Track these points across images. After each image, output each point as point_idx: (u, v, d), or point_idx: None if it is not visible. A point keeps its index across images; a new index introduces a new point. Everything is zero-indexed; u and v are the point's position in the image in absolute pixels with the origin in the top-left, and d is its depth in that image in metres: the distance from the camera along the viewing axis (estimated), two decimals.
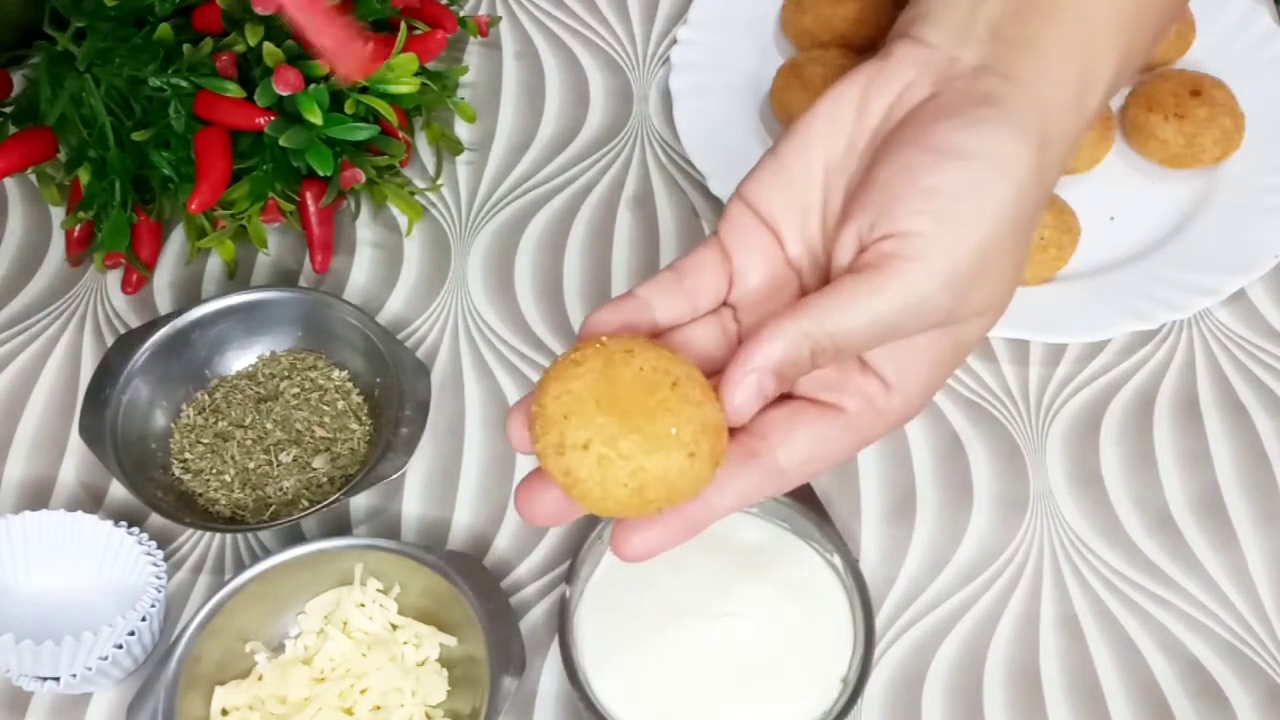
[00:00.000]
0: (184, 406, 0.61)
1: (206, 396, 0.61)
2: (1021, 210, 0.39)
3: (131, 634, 0.52)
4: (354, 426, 0.60)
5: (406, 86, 0.64)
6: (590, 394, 0.36)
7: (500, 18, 0.78)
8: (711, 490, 0.37)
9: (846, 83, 0.42)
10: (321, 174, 0.62)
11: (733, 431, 0.38)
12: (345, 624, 0.53)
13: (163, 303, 0.66)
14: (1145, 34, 0.44)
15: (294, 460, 0.59)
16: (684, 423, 0.35)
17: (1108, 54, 0.42)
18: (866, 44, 0.71)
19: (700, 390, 0.37)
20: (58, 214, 0.70)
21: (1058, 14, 0.41)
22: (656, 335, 0.40)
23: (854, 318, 0.37)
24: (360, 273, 0.67)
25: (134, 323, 0.65)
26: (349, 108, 0.62)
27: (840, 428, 0.39)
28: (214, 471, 0.59)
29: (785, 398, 0.40)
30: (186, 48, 0.63)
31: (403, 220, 0.69)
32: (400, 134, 0.66)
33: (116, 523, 0.55)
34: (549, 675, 0.54)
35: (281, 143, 0.61)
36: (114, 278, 0.67)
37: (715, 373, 0.39)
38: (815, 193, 0.42)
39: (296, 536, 0.58)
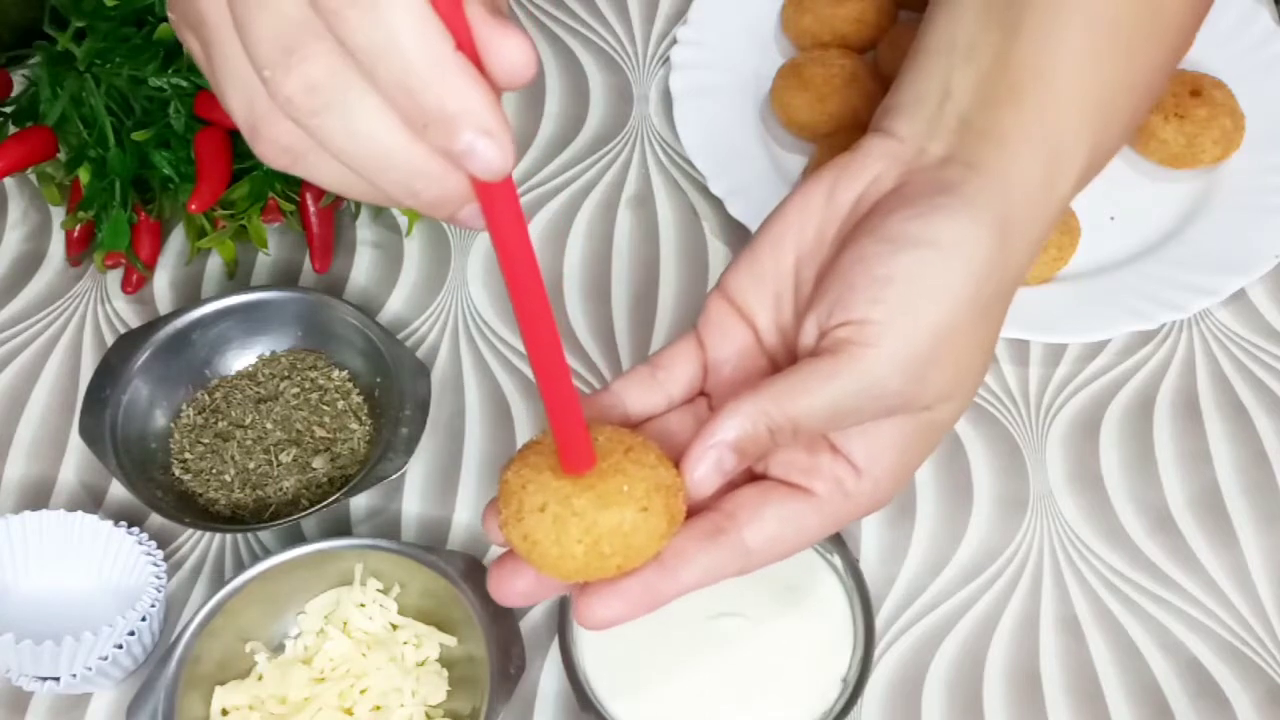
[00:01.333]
0: (184, 406, 0.61)
1: (206, 396, 0.61)
2: (980, 296, 0.39)
3: (131, 634, 0.52)
4: (354, 426, 0.60)
5: None
6: (546, 464, 0.37)
7: None
8: (678, 563, 0.38)
9: (817, 176, 0.43)
10: None
11: (702, 507, 0.39)
12: (345, 624, 0.53)
13: (163, 303, 0.66)
14: (1119, 119, 0.44)
15: (294, 460, 0.59)
16: (635, 481, 0.37)
17: (1078, 140, 0.42)
18: (866, 44, 0.71)
19: (655, 457, 0.38)
20: (58, 214, 0.70)
21: (1026, 103, 0.42)
22: (630, 427, 0.41)
23: (810, 400, 0.38)
24: (360, 273, 0.67)
25: (134, 323, 0.65)
26: None
27: (810, 510, 0.40)
28: (214, 471, 0.59)
29: (758, 478, 0.41)
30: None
31: (403, 220, 0.69)
32: None
33: (116, 523, 0.55)
34: (549, 675, 0.54)
35: None
36: (114, 278, 0.67)
37: None
38: (787, 283, 0.43)
39: (296, 536, 0.58)
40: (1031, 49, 0.42)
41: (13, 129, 0.65)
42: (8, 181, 0.72)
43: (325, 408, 0.60)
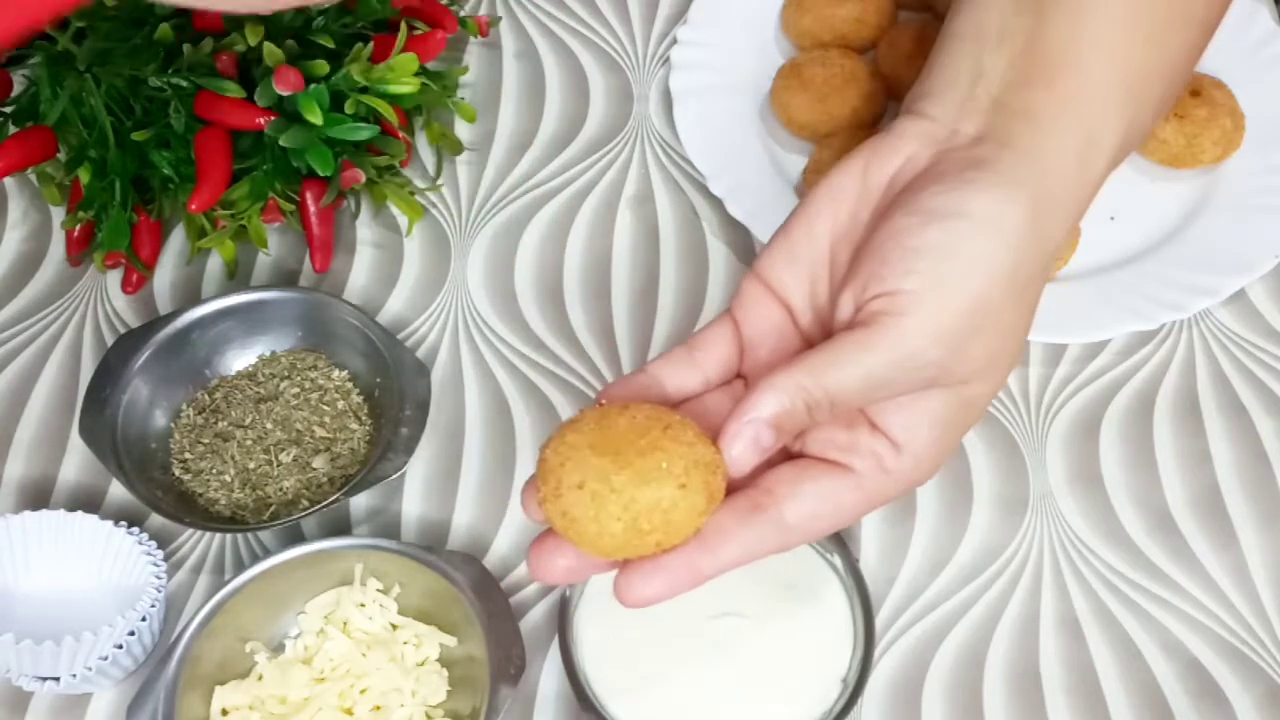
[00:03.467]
0: (184, 406, 0.61)
1: (206, 396, 0.61)
2: (1017, 269, 0.39)
3: (131, 634, 0.52)
4: (354, 426, 0.60)
5: (407, 86, 0.64)
6: (585, 441, 0.37)
7: (500, 18, 0.78)
8: (718, 540, 0.38)
9: (851, 157, 0.43)
10: (321, 174, 0.62)
11: (740, 485, 0.39)
12: (345, 624, 0.53)
13: (163, 303, 0.66)
14: (1150, 101, 0.44)
15: (294, 460, 0.59)
16: (674, 458, 0.37)
17: (1111, 119, 0.42)
18: (866, 44, 0.71)
19: (693, 434, 0.38)
20: (58, 214, 0.70)
21: (1058, 82, 0.42)
22: (670, 407, 0.41)
23: (847, 373, 0.38)
24: (360, 273, 0.67)
25: (134, 323, 0.65)
26: (349, 108, 0.62)
27: (849, 486, 0.40)
28: (214, 471, 0.59)
29: (794, 457, 0.41)
30: (186, 48, 0.63)
31: (403, 220, 0.69)
32: (400, 134, 0.66)
33: (116, 523, 0.55)
34: (549, 675, 0.54)
35: (281, 143, 0.61)
36: (114, 278, 0.67)
37: None
38: (822, 264, 0.43)
39: (296, 536, 0.58)
40: (1063, 31, 0.42)
41: (13, 129, 0.65)
42: (8, 181, 0.72)
43: (325, 408, 0.60)
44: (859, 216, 0.42)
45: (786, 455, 0.41)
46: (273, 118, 0.61)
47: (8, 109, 0.66)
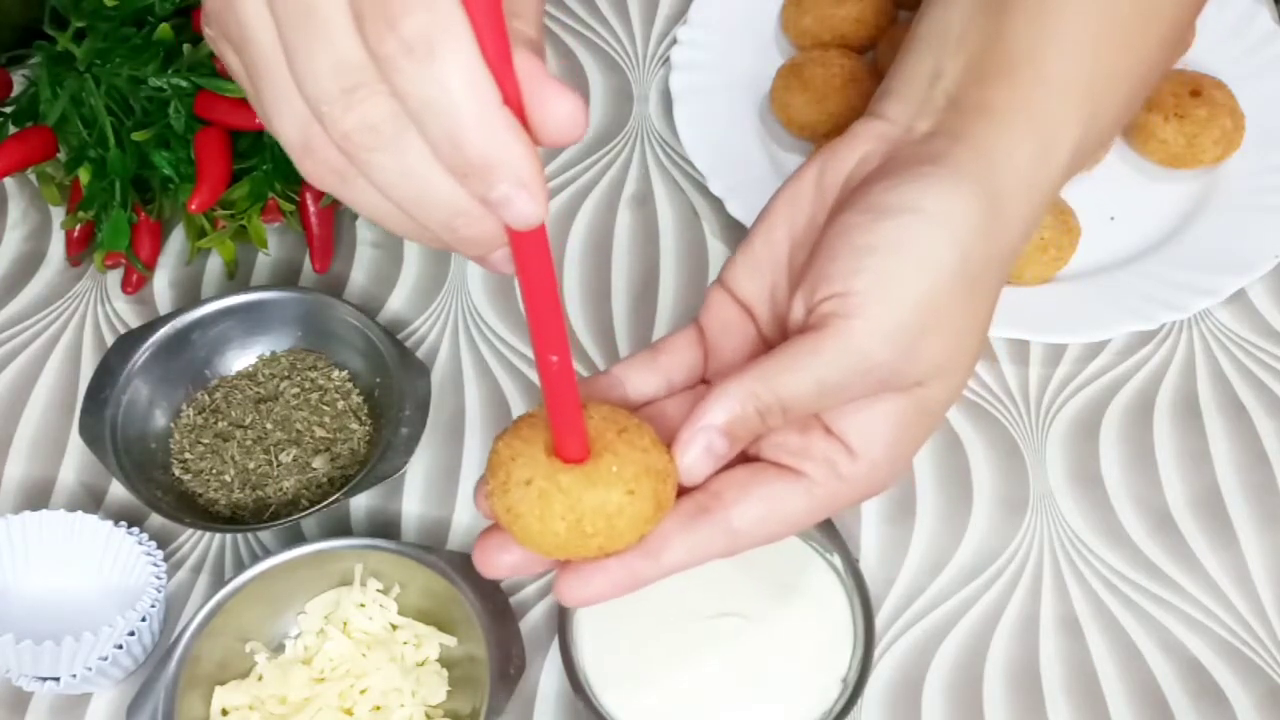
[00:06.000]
0: (184, 406, 0.61)
1: (206, 396, 0.61)
2: (967, 265, 0.39)
3: (131, 634, 0.52)
4: (354, 426, 0.60)
5: None
6: (538, 439, 0.37)
7: None
8: (658, 544, 0.38)
9: (807, 163, 0.43)
10: None
11: (688, 490, 0.39)
12: (345, 624, 0.53)
13: (163, 303, 0.66)
14: (1111, 107, 0.44)
15: (294, 460, 0.59)
16: (625, 463, 0.36)
17: (1069, 118, 0.42)
18: (866, 44, 0.71)
19: (649, 440, 0.38)
20: (58, 214, 0.70)
21: (1013, 79, 0.42)
22: (629, 410, 0.41)
23: (798, 377, 0.38)
24: (360, 273, 0.67)
25: (134, 323, 0.65)
26: None
27: (799, 491, 0.39)
28: (214, 471, 0.59)
29: (749, 460, 0.40)
30: (186, 48, 0.63)
31: None
32: None
33: (116, 523, 0.55)
34: (549, 675, 0.54)
35: None
36: (114, 278, 0.67)
37: None
38: (782, 269, 0.43)
39: (296, 536, 0.58)
40: (1023, 31, 0.42)
41: (13, 129, 0.65)
42: (8, 181, 0.72)
43: (325, 408, 0.60)
44: (815, 219, 0.42)
45: (741, 457, 0.41)
46: None
47: (8, 109, 0.66)
